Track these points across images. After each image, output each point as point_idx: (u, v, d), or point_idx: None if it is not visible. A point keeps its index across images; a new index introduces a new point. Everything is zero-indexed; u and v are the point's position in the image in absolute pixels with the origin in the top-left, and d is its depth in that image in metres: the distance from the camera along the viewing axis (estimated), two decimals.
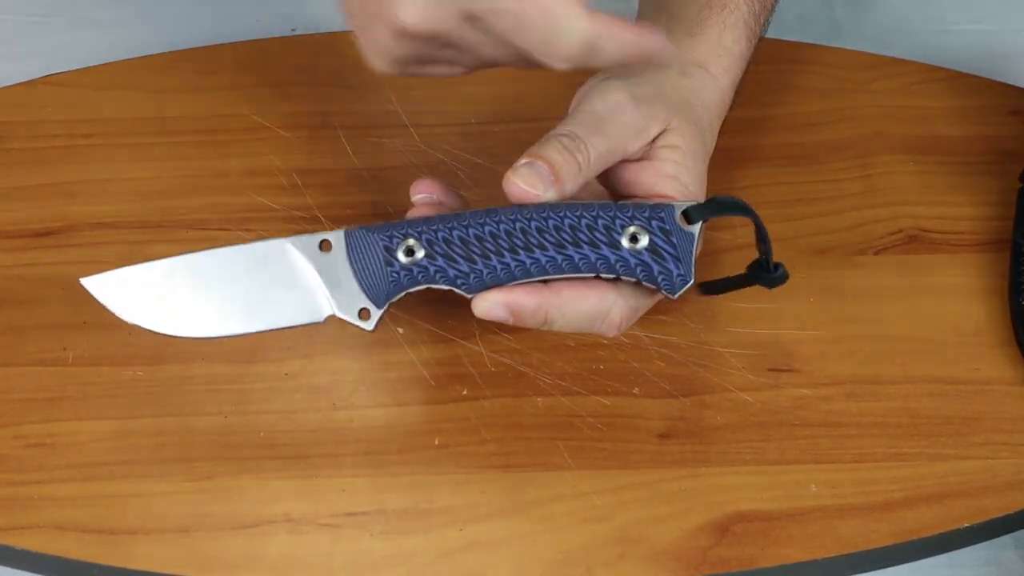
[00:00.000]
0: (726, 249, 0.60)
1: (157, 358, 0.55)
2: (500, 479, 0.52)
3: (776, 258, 0.51)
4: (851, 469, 0.52)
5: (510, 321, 0.48)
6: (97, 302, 0.57)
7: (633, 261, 0.47)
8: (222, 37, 0.71)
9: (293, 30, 0.74)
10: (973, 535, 0.52)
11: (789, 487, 0.52)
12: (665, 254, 0.48)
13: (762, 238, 0.50)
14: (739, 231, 0.60)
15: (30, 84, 0.68)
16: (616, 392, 0.55)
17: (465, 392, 0.55)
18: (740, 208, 0.49)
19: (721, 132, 0.56)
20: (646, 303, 0.50)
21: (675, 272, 0.48)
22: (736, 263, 0.59)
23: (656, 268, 0.48)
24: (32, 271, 0.59)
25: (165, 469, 0.52)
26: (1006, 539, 0.54)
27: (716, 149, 0.55)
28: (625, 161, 0.51)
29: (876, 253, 0.61)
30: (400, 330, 0.57)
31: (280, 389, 0.55)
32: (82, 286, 0.57)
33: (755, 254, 0.51)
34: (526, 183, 0.47)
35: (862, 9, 0.78)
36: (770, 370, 0.56)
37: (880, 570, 0.52)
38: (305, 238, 0.49)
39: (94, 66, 0.69)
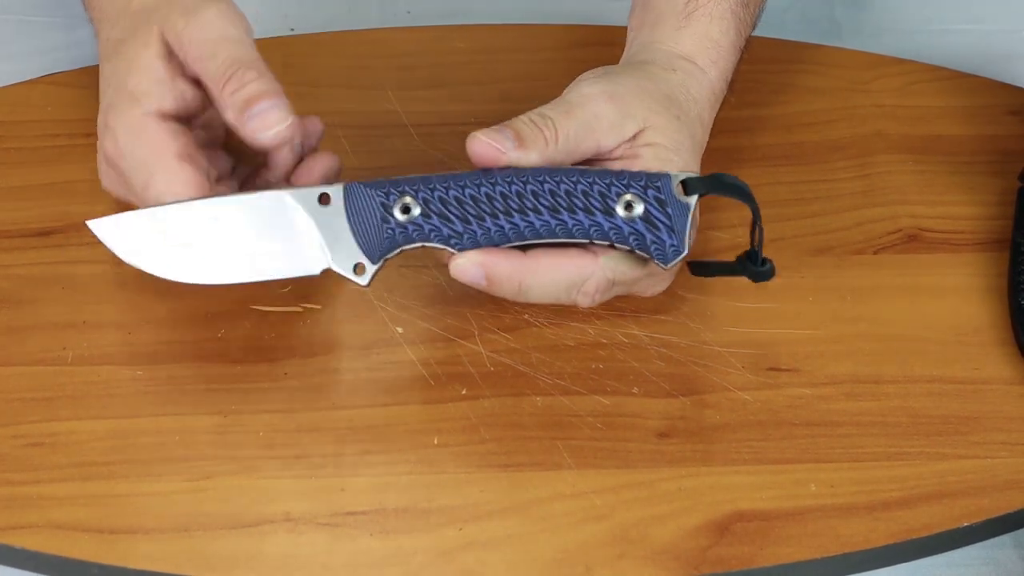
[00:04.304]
0: (724, 249, 0.60)
1: (156, 357, 0.55)
2: (499, 478, 0.52)
3: (775, 258, 0.51)
4: (850, 468, 0.52)
5: (483, 285, 0.49)
6: (96, 302, 0.57)
7: (627, 229, 0.48)
8: None
9: (292, 30, 0.74)
10: (972, 534, 0.52)
11: (788, 486, 0.52)
12: (659, 223, 0.48)
13: (756, 228, 0.50)
14: (739, 230, 0.60)
15: (30, 84, 0.68)
16: (615, 391, 0.55)
17: (464, 391, 0.55)
18: (741, 191, 0.49)
19: (720, 131, 0.56)
20: (625, 276, 0.50)
21: (668, 242, 0.48)
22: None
23: (649, 237, 0.48)
24: (32, 270, 0.59)
25: (164, 468, 0.52)
26: (1005, 538, 0.54)
27: (714, 148, 0.56)
28: (607, 160, 0.51)
29: (875, 252, 0.61)
30: (399, 329, 0.57)
31: (279, 388, 0.55)
32: (83, 284, 0.58)
33: (769, 249, 0.51)
34: (489, 138, 0.48)
35: (861, 9, 0.78)
36: (769, 369, 0.56)
37: (879, 569, 0.52)
38: (305, 191, 0.50)
39: (94, 65, 0.69)
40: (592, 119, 0.50)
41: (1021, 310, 0.57)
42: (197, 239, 0.50)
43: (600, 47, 0.69)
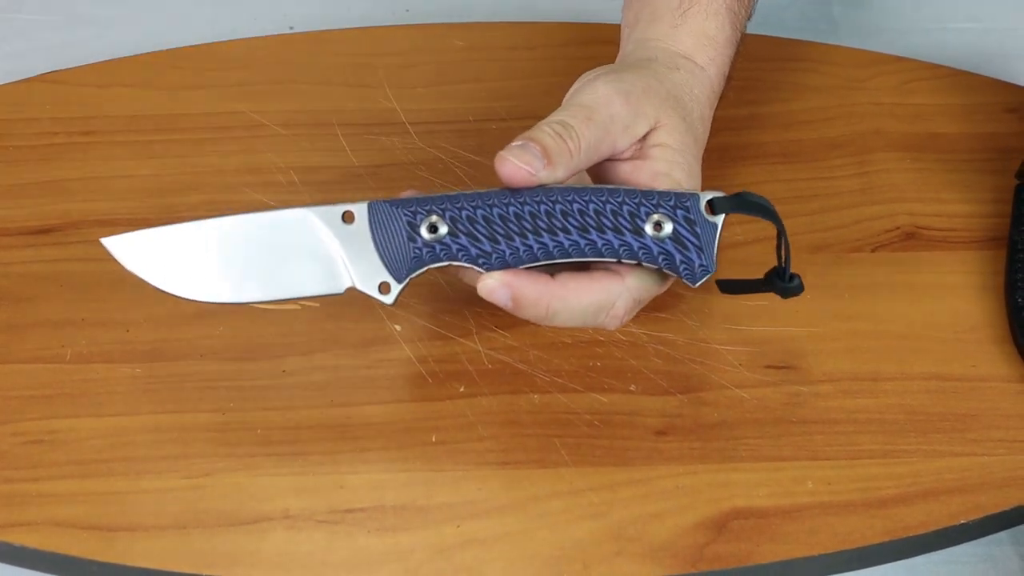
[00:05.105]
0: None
1: (155, 355, 0.55)
2: (497, 476, 0.52)
3: (774, 256, 0.51)
4: (847, 466, 0.53)
5: (510, 307, 0.48)
6: (94, 299, 0.57)
7: (656, 249, 0.48)
8: (220, 35, 0.72)
9: (291, 28, 0.74)
10: (969, 532, 0.52)
11: (785, 484, 0.52)
12: (688, 244, 0.48)
13: (782, 245, 0.50)
14: (749, 227, 0.60)
15: (29, 82, 0.68)
16: (613, 389, 0.55)
17: (462, 389, 0.55)
18: (766, 211, 0.49)
19: (718, 129, 0.56)
20: (651, 292, 0.50)
21: (697, 262, 0.48)
22: (744, 259, 0.59)
23: (679, 257, 0.48)
24: (31, 268, 0.59)
25: (163, 466, 0.52)
26: (1002, 535, 0.54)
27: (713, 146, 0.56)
28: (616, 161, 0.51)
29: (873, 250, 0.61)
30: (398, 327, 0.57)
31: (278, 386, 0.55)
32: (82, 281, 0.58)
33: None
34: (520, 160, 0.47)
35: (860, 7, 0.78)
36: (767, 367, 0.56)
37: (876, 567, 0.52)
38: (328, 208, 0.49)
39: (93, 64, 0.69)
40: (608, 121, 0.49)
41: (1018, 308, 0.57)
42: (216, 258, 0.49)
43: (597, 45, 0.70)
